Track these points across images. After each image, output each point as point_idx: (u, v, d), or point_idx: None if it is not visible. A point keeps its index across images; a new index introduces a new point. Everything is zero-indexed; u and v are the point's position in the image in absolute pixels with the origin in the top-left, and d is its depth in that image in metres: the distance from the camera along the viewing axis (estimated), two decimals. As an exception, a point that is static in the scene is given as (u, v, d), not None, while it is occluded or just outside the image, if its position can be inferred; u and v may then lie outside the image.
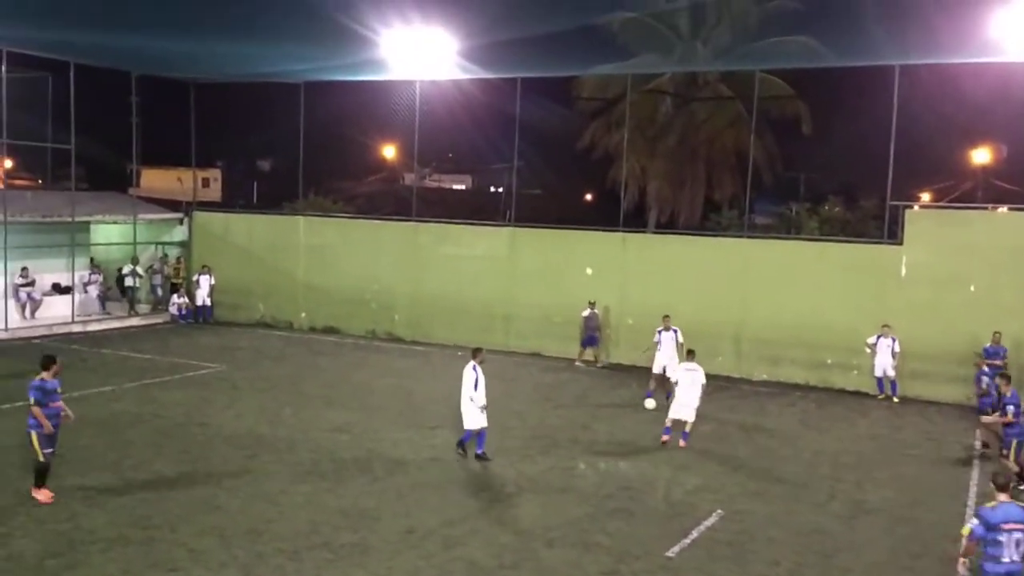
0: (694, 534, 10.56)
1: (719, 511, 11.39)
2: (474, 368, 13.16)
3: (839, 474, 13.37)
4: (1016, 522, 7.45)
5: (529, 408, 17.11)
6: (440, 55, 21.94)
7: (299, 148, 26.42)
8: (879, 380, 19.07)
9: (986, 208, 22.25)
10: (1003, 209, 21.38)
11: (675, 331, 17.99)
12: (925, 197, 31.73)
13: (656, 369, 17.74)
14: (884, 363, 18.87)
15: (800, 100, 28.21)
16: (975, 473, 13.74)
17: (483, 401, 13.14)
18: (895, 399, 18.87)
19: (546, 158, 34.08)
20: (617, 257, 22.47)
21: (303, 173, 27.06)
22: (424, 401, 16.99)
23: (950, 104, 25.53)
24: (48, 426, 10.70)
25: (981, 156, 33.64)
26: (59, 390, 10.99)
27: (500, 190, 44.69)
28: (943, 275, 19.07)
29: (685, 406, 14.38)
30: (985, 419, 14.01)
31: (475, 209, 33.49)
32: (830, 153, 31.67)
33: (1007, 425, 12.88)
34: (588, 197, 44.79)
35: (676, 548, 10.08)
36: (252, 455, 13.13)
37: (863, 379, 19.50)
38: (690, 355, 14.90)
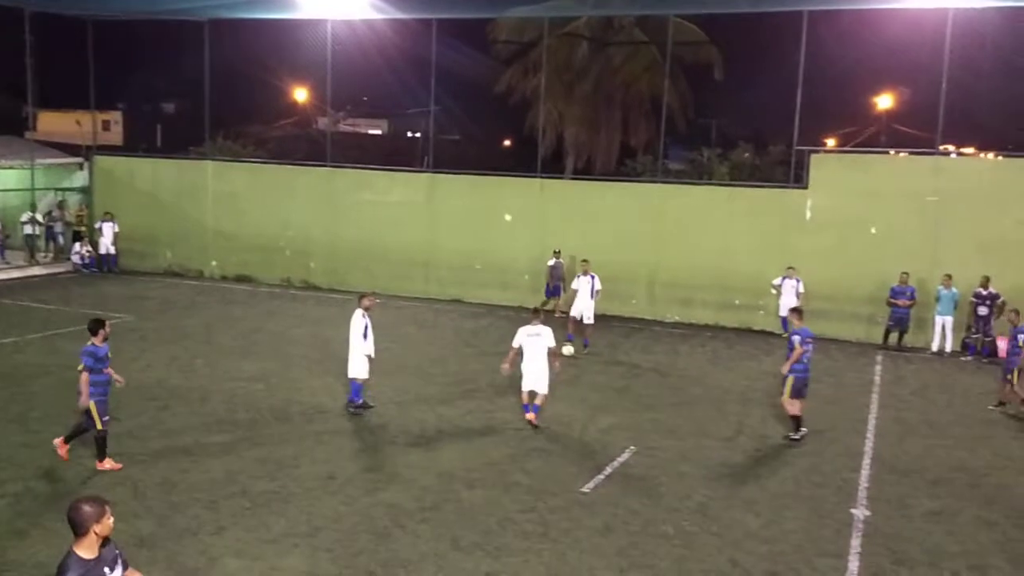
0: (608, 470, 10.89)
1: (632, 448, 11.76)
2: (363, 315, 12.76)
3: (746, 410, 13.93)
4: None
5: (449, 354, 17.20)
6: (352, -6, 21.33)
7: (205, 90, 25.48)
8: (784, 320, 19.78)
9: (888, 152, 23.12)
10: (904, 153, 22.20)
11: (592, 277, 18.19)
12: (831, 143, 32.73)
13: (574, 313, 17.98)
14: (788, 303, 19.54)
15: (713, 46, 28.56)
16: (874, 407, 14.49)
17: (371, 350, 12.79)
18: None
19: (464, 103, 33.76)
20: (535, 203, 22.57)
21: (210, 116, 26.14)
22: (342, 349, 16.77)
23: (856, 50, 26.22)
24: (86, 395, 10.09)
25: (884, 102, 34.78)
26: (109, 355, 10.38)
27: (418, 135, 44.11)
28: (846, 218, 19.81)
29: (533, 375, 12.49)
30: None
31: (392, 154, 33.01)
32: (741, 99, 32.26)
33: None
34: (507, 143, 44.64)
35: (591, 484, 10.38)
36: (164, 406, 12.87)
37: (769, 319, 20.23)
38: (535, 314, 12.87)
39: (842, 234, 19.79)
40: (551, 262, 21.21)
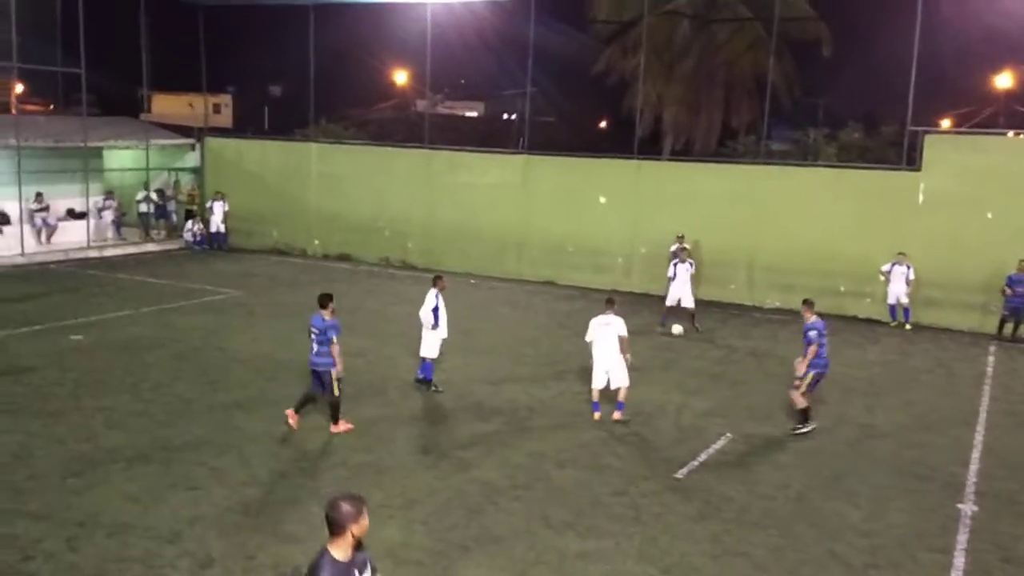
0: (703, 456, 10.74)
1: (728, 434, 11.56)
2: (436, 296, 12.77)
3: (848, 399, 13.49)
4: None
5: (542, 335, 17.24)
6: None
7: (310, 73, 26.12)
8: (892, 307, 19.05)
9: (1006, 134, 21.85)
10: (1023, 134, 21.01)
11: (690, 263, 17.87)
12: (946, 123, 31.19)
13: (670, 302, 17.74)
14: (898, 291, 18.83)
15: (822, 21, 27.54)
16: (985, 400, 13.82)
17: (444, 332, 12.83)
18: (908, 326, 18.88)
19: (560, 84, 33.58)
20: (631, 185, 22.30)
21: (315, 99, 26.81)
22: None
23: (973, 28, 24.87)
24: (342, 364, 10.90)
25: (1004, 81, 32.92)
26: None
27: (513, 117, 44.17)
28: (961, 202, 18.85)
29: (609, 370, 11.80)
30: None
31: (488, 136, 33.21)
32: (851, 78, 31.05)
33: None
34: (603, 124, 44.24)
35: (685, 470, 10.26)
36: (270, 378, 13.36)
37: (876, 306, 19.49)
38: (609, 305, 12.03)
39: (956, 219, 18.85)
40: (674, 247, 20.51)
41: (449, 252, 24.03)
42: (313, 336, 10.91)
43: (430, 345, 12.96)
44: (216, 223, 26.49)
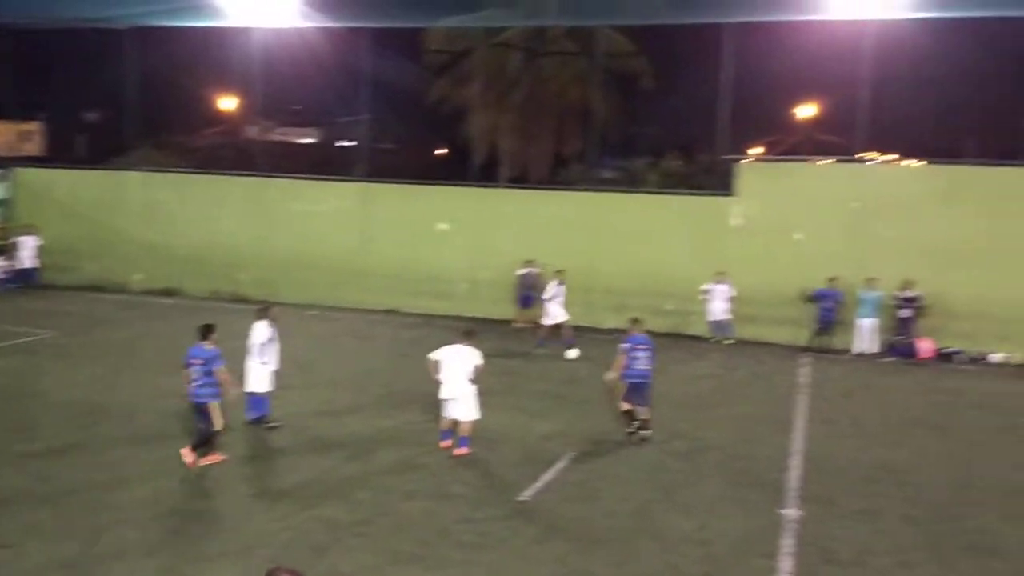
0: (547, 477, 10.93)
1: (571, 454, 11.83)
2: (267, 326, 12.48)
3: (680, 413, 14.13)
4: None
5: (385, 365, 17.06)
6: (281, 1, 21.09)
7: (129, 99, 24.83)
8: (714, 324, 20.22)
9: (811, 160, 23.74)
10: (827, 161, 22.83)
11: (562, 284, 18.77)
12: (756, 151, 33.49)
13: (549, 322, 18.47)
14: (718, 308, 20.03)
15: (642, 56, 28.96)
16: (801, 408, 14.85)
17: (275, 365, 12.52)
18: (728, 342, 20.06)
19: (398, 112, 33.50)
20: (471, 212, 22.59)
21: (134, 126, 25.49)
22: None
23: (778, 61, 26.88)
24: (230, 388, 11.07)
25: (807, 111, 35.75)
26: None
27: (350, 144, 43.67)
28: (773, 224, 20.33)
29: (459, 400, 11.58)
30: None
31: (324, 164, 32.57)
32: (669, 109, 32.80)
33: None
34: (440, 152, 44.50)
35: (529, 492, 10.40)
36: (91, 424, 12.48)
37: (701, 324, 20.58)
38: (466, 336, 11.88)
39: (769, 240, 20.28)
40: (522, 271, 21.15)
41: (286, 282, 23.35)
42: (195, 368, 10.70)
43: (259, 379, 12.48)
44: (27, 258, 24.55)
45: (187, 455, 10.74)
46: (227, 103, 41.86)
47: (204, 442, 10.89)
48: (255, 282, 23.83)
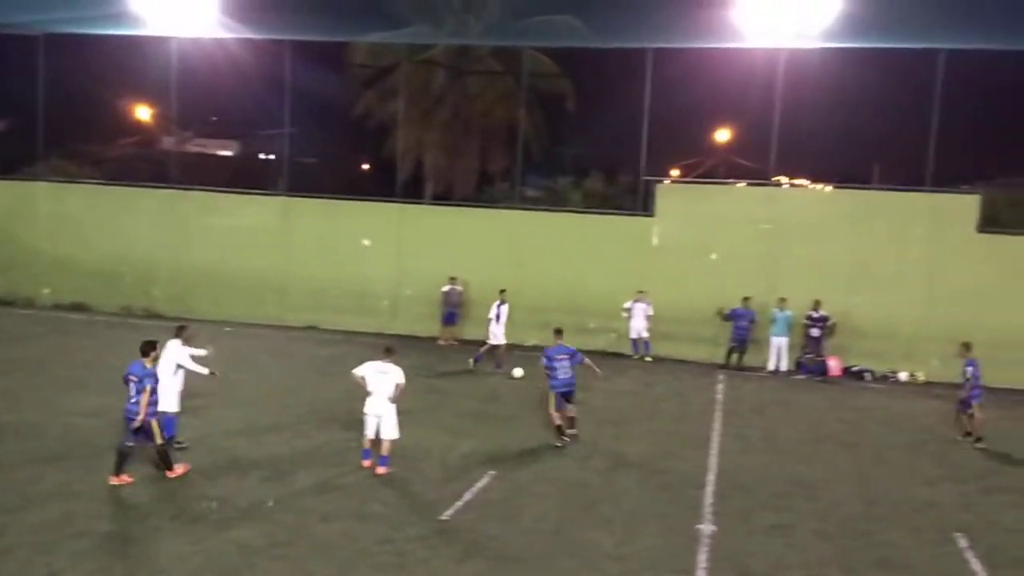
0: (467, 496, 10.91)
1: (492, 472, 11.84)
2: (181, 346, 12.09)
3: (601, 429, 14.30)
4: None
5: (304, 383, 16.79)
6: (200, 11, 20.70)
7: (37, 107, 23.96)
8: (634, 342, 20.59)
9: (726, 183, 24.45)
10: (741, 184, 23.54)
11: (504, 304, 19.01)
12: (675, 173, 34.29)
13: (493, 342, 18.65)
14: (638, 326, 20.41)
15: (565, 78, 29.39)
16: (717, 425, 15.20)
17: (180, 384, 12.09)
18: (648, 358, 20.43)
19: (321, 125, 33.13)
20: (395, 228, 22.48)
21: (44, 135, 24.59)
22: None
23: (697, 86, 27.60)
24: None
25: (723, 135, 36.77)
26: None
27: (271, 157, 42.97)
28: (690, 244, 20.84)
29: (380, 418, 11.52)
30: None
31: (243, 176, 31.95)
32: (593, 130, 33.31)
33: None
34: (365, 167, 44.13)
35: (450, 511, 10.36)
36: (-10, 445, 11.91)
37: (621, 341, 20.90)
38: (387, 353, 11.75)
39: (686, 260, 20.78)
40: (445, 288, 21.14)
41: (201, 298, 22.81)
42: (132, 384, 10.52)
43: (167, 399, 12.08)
44: (-77, 272, 23.40)
45: (120, 480, 10.63)
46: (142, 113, 40.72)
47: (161, 459, 10.92)
48: (169, 298, 23.22)
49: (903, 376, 19.78)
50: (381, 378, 11.56)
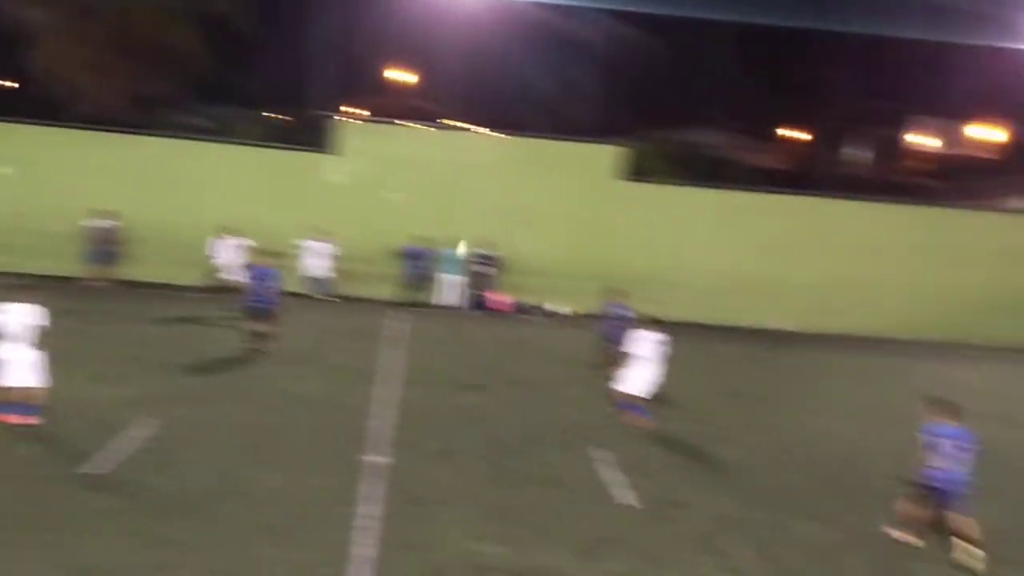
0: (124, 446, 10.15)
1: (151, 420, 11.09)
2: None
3: (274, 370, 14.00)
4: None
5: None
6: None
7: None
8: (312, 281, 20.29)
9: (406, 124, 24.69)
10: (422, 126, 23.90)
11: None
12: (355, 110, 33.94)
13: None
14: (318, 265, 20.14)
15: (238, 2, 27.69)
16: (391, 361, 15.53)
17: None
18: (330, 299, 20.28)
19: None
20: (37, 153, 19.99)
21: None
22: None
23: (379, 25, 27.43)
24: None
25: (405, 77, 37.02)
26: None
27: None
28: (370, 183, 20.88)
29: (20, 365, 10.33)
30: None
31: None
32: (269, 60, 31.86)
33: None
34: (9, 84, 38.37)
35: (103, 463, 9.58)
36: None
37: (303, 281, 20.50)
38: (28, 294, 10.63)
39: (366, 199, 20.80)
40: (94, 223, 18.98)
41: None
42: None
43: None
44: None
45: None
46: None
47: None
48: None
49: (564, 310, 21.52)
50: (19, 320, 10.32)
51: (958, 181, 32.45)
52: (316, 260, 20.10)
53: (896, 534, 9.51)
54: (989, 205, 26.28)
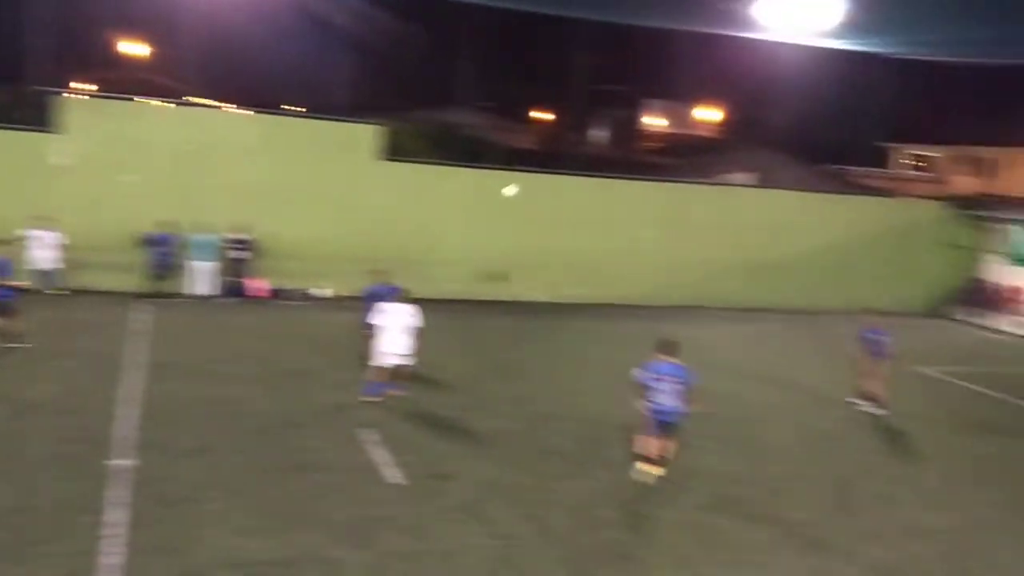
0: None
1: None
2: None
3: (2, 375, 12.58)
4: None
5: None
6: None
7: None
8: (40, 273, 18.31)
9: (141, 100, 22.85)
10: (159, 102, 22.24)
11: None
12: (82, 86, 31.09)
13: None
14: (43, 256, 18.21)
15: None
16: (136, 355, 14.41)
17: None
18: (59, 292, 18.42)
19: None
20: None
21: None
22: None
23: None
24: None
25: (138, 50, 34.46)
26: None
27: None
28: (101, 165, 19.15)
29: None
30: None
31: None
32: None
33: None
34: None
35: None
36: None
37: (30, 275, 18.45)
38: None
39: (97, 182, 19.07)
40: None
41: None
42: None
43: None
44: None
45: None
46: None
47: None
48: None
49: (323, 292, 21.00)
50: None
51: (687, 157, 35.54)
52: (43, 251, 18.15)
53: (639, 473, 10.39)
54: (715, 179, 28.86)
